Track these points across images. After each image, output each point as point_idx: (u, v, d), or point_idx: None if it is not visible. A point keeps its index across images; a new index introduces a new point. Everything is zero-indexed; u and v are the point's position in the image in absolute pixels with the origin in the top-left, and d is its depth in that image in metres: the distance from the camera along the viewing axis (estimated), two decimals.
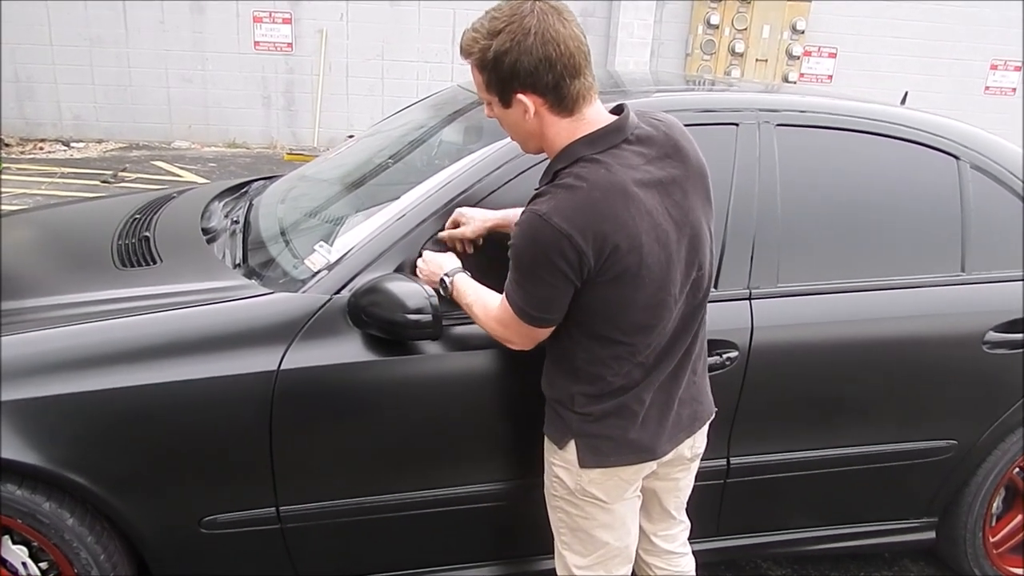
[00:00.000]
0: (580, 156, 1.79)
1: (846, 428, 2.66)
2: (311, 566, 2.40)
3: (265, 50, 10.64)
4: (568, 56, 1.73)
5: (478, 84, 1.85)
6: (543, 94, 1.77)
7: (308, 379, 2.17)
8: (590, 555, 2.09)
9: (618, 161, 1.78)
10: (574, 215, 1.71)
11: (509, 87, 1.78)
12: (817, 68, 11.70)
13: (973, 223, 2.69)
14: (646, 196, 1.78)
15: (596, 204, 1.72)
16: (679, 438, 2.04)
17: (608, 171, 1.76)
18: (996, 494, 2.92)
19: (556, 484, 2.06)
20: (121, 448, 2.12)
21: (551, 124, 1.82)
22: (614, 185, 1.74)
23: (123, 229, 2.84)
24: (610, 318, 1.83)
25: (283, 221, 2.80)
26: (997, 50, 11.83)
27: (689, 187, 1.88)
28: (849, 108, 2.67)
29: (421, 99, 3.50)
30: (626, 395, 1.91)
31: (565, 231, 1.70)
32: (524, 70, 1.74)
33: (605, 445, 1.94)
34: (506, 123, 1.90)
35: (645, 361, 1.89)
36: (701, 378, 2.10)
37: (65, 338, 2.13)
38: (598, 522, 2.04)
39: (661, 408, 1.97)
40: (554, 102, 1.78)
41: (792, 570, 3.18)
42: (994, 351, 2.66)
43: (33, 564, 2.25)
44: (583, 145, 1.80)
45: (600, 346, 1.87)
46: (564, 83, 1.76)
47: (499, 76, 1.77)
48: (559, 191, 1.75)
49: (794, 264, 2.53)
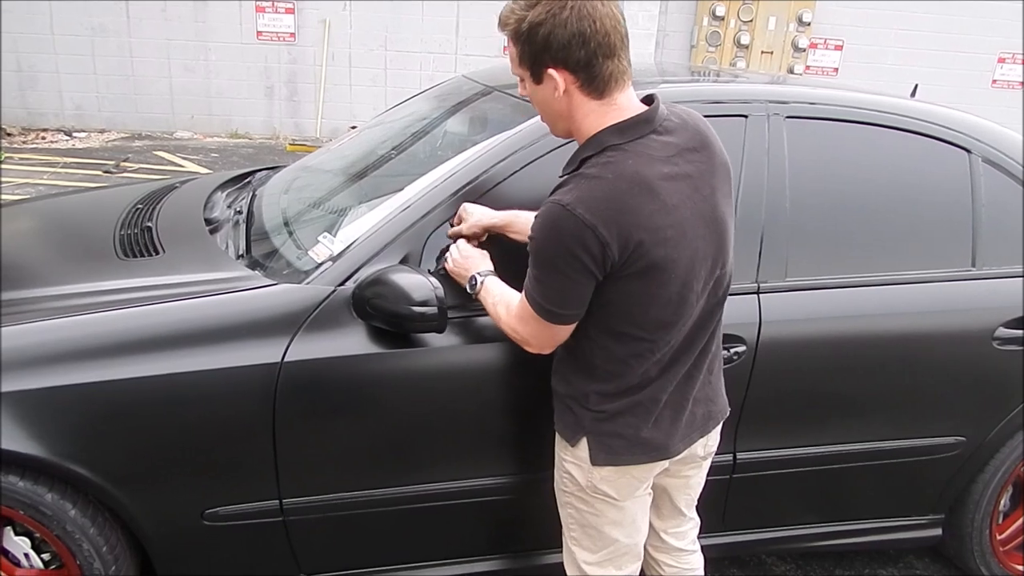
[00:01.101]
0: (608, 145, 1.75)
1: (853, 424, 2.64)
2: (314, 559, 2.39)
3: (268, 40, 10.62)
4: (603, 34, 1.70)
5: (512, 57, 1.82)
6: (574, 71, 1.74)
7: (312, 371, 2.15)
8: (599, 551, 2.08)
9: (647, 152, 1.74)
10: (599, 206, 1.67)
11: (541, 61, 1.75)
12: (823, 61, 11.65)
13: (984, 217, 2.66)
14: (673, 189, 1.74)
15: (622, 196, 1.68)
16: (692, 437, 2.02)
17: (636, 162, 1.72)
18: (1004, 491, 2.90)
19: (567, 480, 2.03)
20: (123, 440, 2.10)
21: (580, 105, 1.78)
22: (641, 177, 1.71)
23: (125, 219, 2.83)
24: (631, 315, 1.80)
25: (286, 212, 2.79)
26: (1004, 43, 11.78)
27: (715, 182, 1.85)
28: (860, 100, 2.65)
29: (425, 89, 3.47)
30: (641, 393, 1.89)
31: (589, 222, 1.66)
32: (557, 43, 1.70)
33: (618, 443, 1.92)
34: (536, 100, 1.86)
35: (662, 359, 1.86)
36: (716, 378, 2.07)
37: (68, 329, 2.11)
38: (608, 519, 2.02)
39: (675, 407, 1.94)
40: (585, 81, 1.75)
41: (796, 566, 3.17)
42: (1004, 347, 2.64)
43: (35, 555, 2.25)
44: (612, 134, 1.76)
45: (619, 344, 1.84)
46: (596, 62, 1.72)
47: (532, 48, 1.74)
48: (583, 181, 1.72)
49: (803, 258, 2.50)
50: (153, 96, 10.54)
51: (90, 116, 10.46)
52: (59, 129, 10.27)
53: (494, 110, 2.81)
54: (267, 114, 10.96)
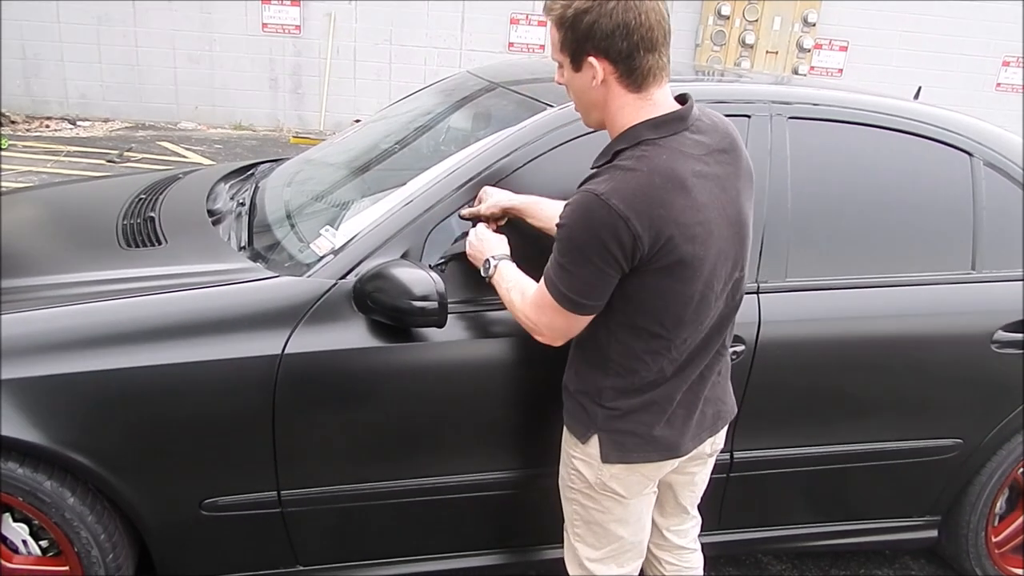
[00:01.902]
0: (643, 139, 1.75)
1: (851, 425, 2.65)
2: (311, 551, 2.40)
3: (273, 32, 10.61)
4: (647, 28, 1.70)
5: (553, 43, 1.82)
6: (615, 62, 1.74)
7: (312, 364, 2.16)
8: (603, 548, 2.08)
9: (680, 149, 1.75)
10: (633, 198, 1.67)
11: (582, 48, 1.75)
12: (828, 61, 11.63)
13: (985, 221, 2.67)
14: (704, 188, 1.75)
15: (656, 189, 1.69)
16: (702, 437, 2.02)
17: (670, 158, 1.73)
18: (1000, 494, 2.91)
19: (574, 477, 2.03)
20: (123, 428, 2.11)
21: (617, 97, 1.78)
22: (675, 173, 1.71)
23: (128, 209, 2.83)
24: (653, 310, 1.80)
25: (289, 204, 2.79)
26: (1009, 47, 11.75)
27: (740, 185, 1.85)
28: (862, 102, 2.65)
29: (429, 84, 3.48)
30: (655, 391, 1.88)
31: (623, 213, 1.66)
32: (600, 32, 1.70)
33: (630, 441, 1.91)
34: (573, 88, 1.86)
35: (678, 357, 1.86)
36: (725, 378, 2.08)
37: (69, 317, 2.12)
38: (614, 516, 2.03)
39: (688, 406, 1.94)
40: (624, 73, 1.75)
41: (792, 565, 3.17)
42: (1003, 350, 2.64)
43: (34, 542, 2.25)
44: (647, 128, 1.76)
45: (637, 339, 1.84)
46: (638, 54, 1.72)
47: (575, 35, 1.74)
48: (618, 173, 1.72)
49: (803, 259, 2.51)
50: (158, 86, 10.53)
51: (94, 105, 10.45)
52: (63, 117, 10.27)
53: (498, 106, 2.81)
54: (271, 106, 10.95)
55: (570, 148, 2.30)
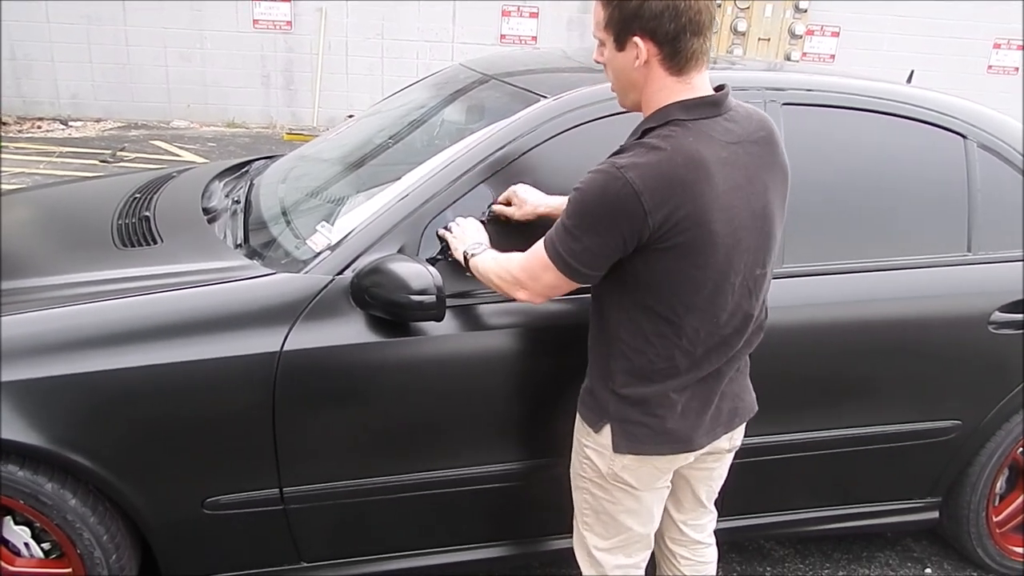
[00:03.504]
0: (672, 119, 1.75)
1: (851, 408, 2.65)
2: (315, 547, 2.40)
3: (264, 28, 10.58)
4: (696, 11, 1.70)
5: (597, 20, 1.80)
6: (660, 43, 1.73)
7: (311, 360, 2.16)
8: (612, 538, 2.08)
9: (708, 133, 1.74)
10: (650, 175, 1.67)
11: (629, 27, 1.73)
12: (820, 47, 11.63)
13: (980, 203, 2.67)
14: (728, 175, 1.73)
15: (676, 169, 1.68)
16: (717, 432, 1.99)
17: (696, 140, 1.72)
18: (1000, 474, 2.92)
19: (586, 466, 2.02)
20: (123, 429, 2.11)
21: (657, 79, 1.77)
22: (698, 155, 1.70)
23: (123, 209, 2.82)
24: (664, 292, 1.78)
25: (284, 201, 2.79)
26: (1000, 29, 11.75)
27: (769, 180, 1.84)
28: (856, 87, 2.65)
29: (422, 78, 3.47)
30: (668, 383, 1.87)
31: (637, 187, 1.66)
32: (649, 12, 1.69)
33: (642, 432, 1.90)
34: (613, 67, 1.84)
35: (692, 351, 1.84)
36: (743, 375, 2.07)
37: (67, 318, 2.11)
38: (624, 508, 2.02)
39: (703, 401, 1.93)
40: (668, 55, 1.74)
41: (795, 550, 3.18)
42: (1000, 331, 2.65)
43: (36, 545, 2.25)
44: (678, 109, 1.76)
45: (646, 320, 1.82)
46: (684, 37, 1.71)
47: (623, 13, 1.73)
48: (642, 149, 1.71)
49: (800, 244, 2.51)
50: (149, 85, 10.50)
51: (86, 105, 10.43)
52: (55, 118, 10.24)
53: (492, 98, 2.80)
54: (264, 103, 10.93)
55: (565, 139, 2.30)
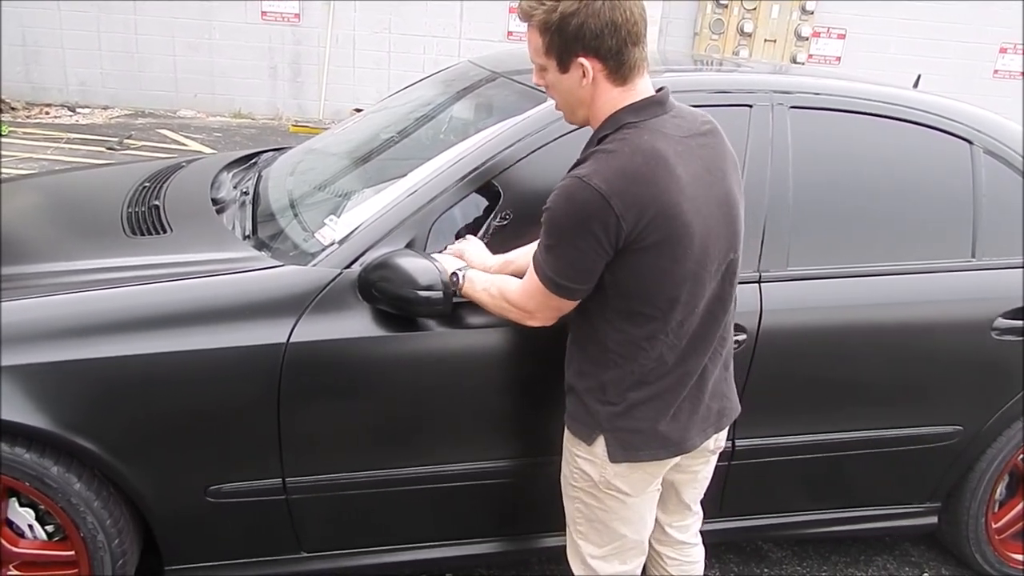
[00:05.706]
0: (624, 123, 1.78)
1: (853, 412, 2.66)
2: (315, 538, 2.41)
3: (272, 20, 10.57)
4: (632, 23, 1.73)
5: (535, 48, 1.82)
6: (604, 59, 1.76)
7: (317, 352, 2.17)
8: (606, 546, 2.08)
9: (661, 130, 1.77)
10: (615, 177, 1.69)
11: (571, 50, 1.76)
12: (826, 49, 11.60)
13: (985, 208, 2.68)
14: (688, 167, 1.76)
15: (638, 168, 1.71)
16: (707, 432, 2.01)
17: (651, 138, 1.75)
18: (1000, 480, 2.92)
19: (578, 475, 2.02)
20: (129, 415, 2.13)
21: (603, 92, 1.81)
22: (657, 151, 1.73)
23: (133, 197, 2.84)
24: (645, 291, 1.80)
25: (293, 194, 2.79)
26: (1006, 33, 11.71)
27: (726, 168, 1.88)
28: (863, 91, 2.65)
29: (431, 74, 3.48)
30: (658, 383, 1.88)
31: (605, 193, 1.68)
32: (590, 33, 1.72)
33: (636, 439, 1.91)
34: (558, 89, 1.86)
35: (677, 343, 1.86)
36: (729, 375, 2.09)
37: (77, 304, 2.13)
38: (617, 515, 2.03)
39: (693, 400, 1.94)
40: (613, 69, 1.77)
41: (793, 552, 3.19)
42: (1003, 337, 2.65)
43: (40, 527, 2.27)
44: (628, 113, 1.79)
45: (634, 325, 1.83)
46: (626, 50, 1.75)
47: (563, 38, 1.75)
48: (601, 155, 1.74)
49: (805, 248, 2.52)
50: (157, 74, 10.49)
51: (94, 92, 10.42)
52: (63, 104, 10.24)
53: (500, 96, 2.81)
54: (270, 95, 10.91)
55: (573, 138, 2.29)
